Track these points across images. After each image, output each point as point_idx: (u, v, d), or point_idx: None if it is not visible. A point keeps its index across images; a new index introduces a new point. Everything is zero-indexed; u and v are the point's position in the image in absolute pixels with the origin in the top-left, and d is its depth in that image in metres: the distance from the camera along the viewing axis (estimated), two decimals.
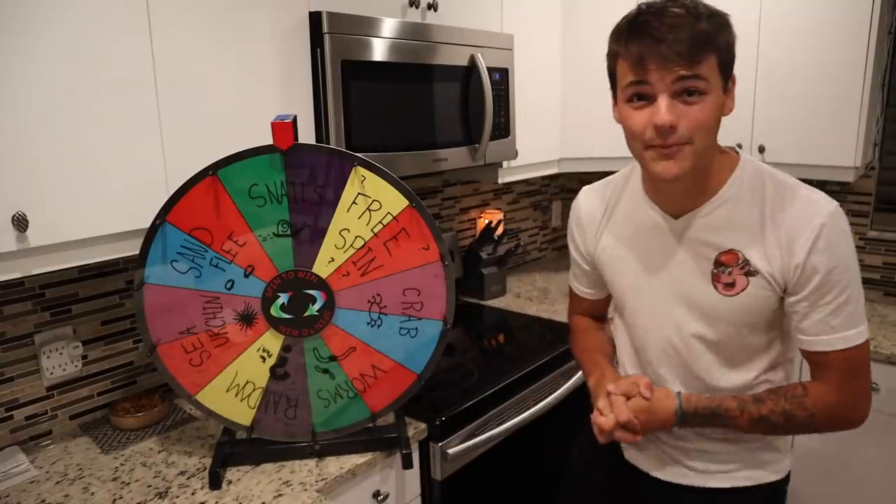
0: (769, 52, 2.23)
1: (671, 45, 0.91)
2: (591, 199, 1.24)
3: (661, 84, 0.94)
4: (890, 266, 2.46)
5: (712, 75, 0.95)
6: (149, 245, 1.26)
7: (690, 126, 0.94)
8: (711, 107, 0.95)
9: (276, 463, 1.39)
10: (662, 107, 0.94)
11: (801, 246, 0.98)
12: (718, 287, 1.05)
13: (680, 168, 0.97)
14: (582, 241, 1.26)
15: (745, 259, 1.03)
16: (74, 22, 1.17)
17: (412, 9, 1.76)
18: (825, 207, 0.99)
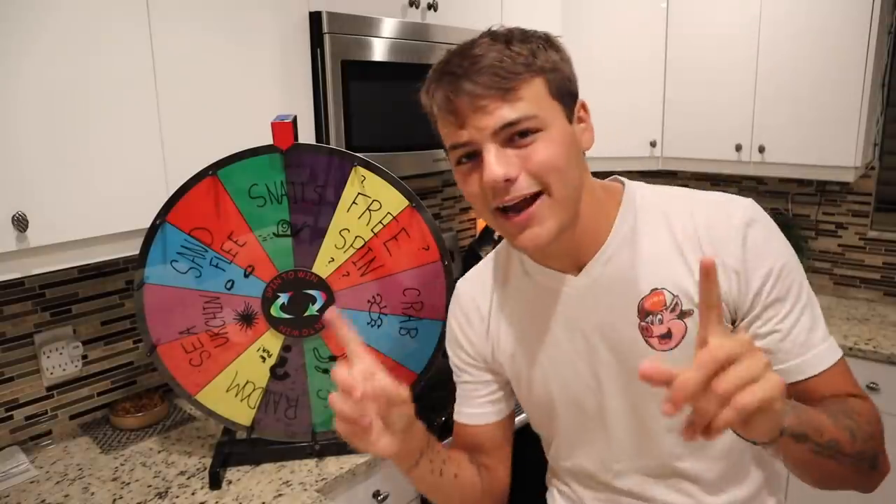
0: (769, 53, 2.23)
1: (476, 76, 0.75)
2: (471, 288, 1.01)
3: (479, 133, 0.76)
4: (890, 266, 2.46)
5: (543, 105, 0.77)
6: (149, 245, 1.26)
7: (534, 171, 0.76)
8: (556, 142, 0.77)
9: (276, 463, 1.39)
10: (490, 159, 0.76)
11: (732, 253, 0.81)
12: (653, 343, 0.85)
13: (547, 231, 0.78)
14: (470, 343, 1.00)
15: (673, 298, 0.84)
16: (74, 22, 1.17)
17: (412, 9, 1.76)
18: (739, 203, 0.84)
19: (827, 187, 2.54)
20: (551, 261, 0.90)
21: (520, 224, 0.79)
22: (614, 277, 0.87)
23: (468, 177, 0.81)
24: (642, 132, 2.49)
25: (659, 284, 0.85)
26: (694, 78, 2.40)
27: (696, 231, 0.84)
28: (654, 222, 0.87)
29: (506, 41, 0.78)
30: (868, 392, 2.03)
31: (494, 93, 0.75)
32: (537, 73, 0.77)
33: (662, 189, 0.91)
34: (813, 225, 2.60)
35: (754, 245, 0.81)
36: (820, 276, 2.61)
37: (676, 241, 0.85)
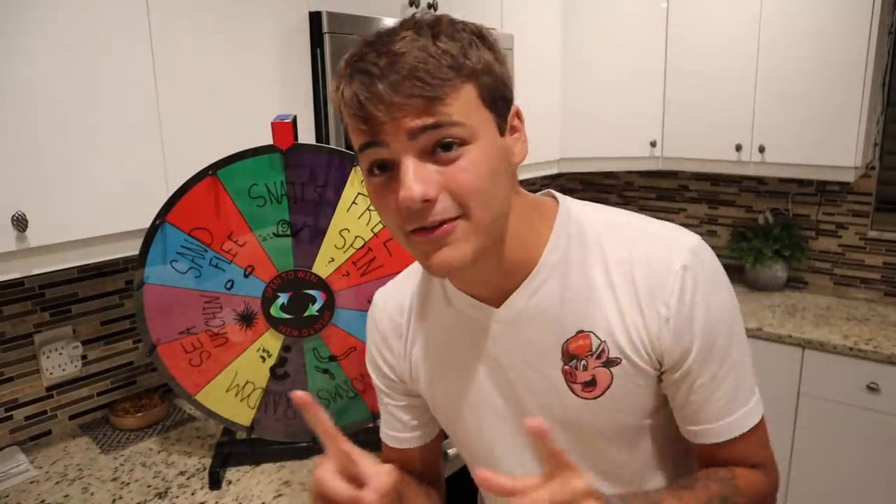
0: (769, 53, 2.23)
1: (396, 82, 0.62)
2: (388, 303, 0.91)
3: (396, 143, 0.64)
4: (890, 266, 2.46)
5: (472, 115, 0.66)
6: (149, 245, 1.26)
7: (456, 192, 0.65)
8: (482, 159, 0.66)
9: (276, 463, 1.39)
10: (407, 176, 0.64)
11: (666, 303, 0.72)
12: (576, 389, 0.77)
13: (460, 254, 0.68)
14: (388, 365, 0.92)
15: (600, 343, 0.75)
16: (74, 23, 1.17)
17: (412, 9, 1.76)
18: (684, 243, 0.74)
19: (827, 187, 2.54)
20: (474, 288, 0.80)
21: (433, 242, 0.67)
22: (539, 312, 0.77)
23: (382, 192, 0.68)
24: (642, 132, 2.49)
25: (586, 326, 0.75)
26: (694, 78, 2.40)
27: (631, 270, 0.74)
28: (587, 252, 0.76)
29: (432, 36, 0.65)
30: (868, 392, 2.04)
31: (416, 101, 0.63)
32: (467, 77, 0.66)
33: (601, 213, 0.80)
34: (813, 225, 2.60)
35: (691, 296, 0.72)
36: (820, 276, 2.61)
37: (609, 278, 0.75)
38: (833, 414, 2.12)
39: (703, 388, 0.75)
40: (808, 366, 2.15)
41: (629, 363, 0.75)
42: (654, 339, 0.74)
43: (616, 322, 0.74)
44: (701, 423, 0.77)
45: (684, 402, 0.77)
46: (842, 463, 2.13)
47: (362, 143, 0.67)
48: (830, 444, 2.14)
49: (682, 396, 0.76)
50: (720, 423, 0.76)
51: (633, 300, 0.74)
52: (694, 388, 0.75)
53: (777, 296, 2.55)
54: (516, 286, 0.77)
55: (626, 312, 0.74)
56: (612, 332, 0.75)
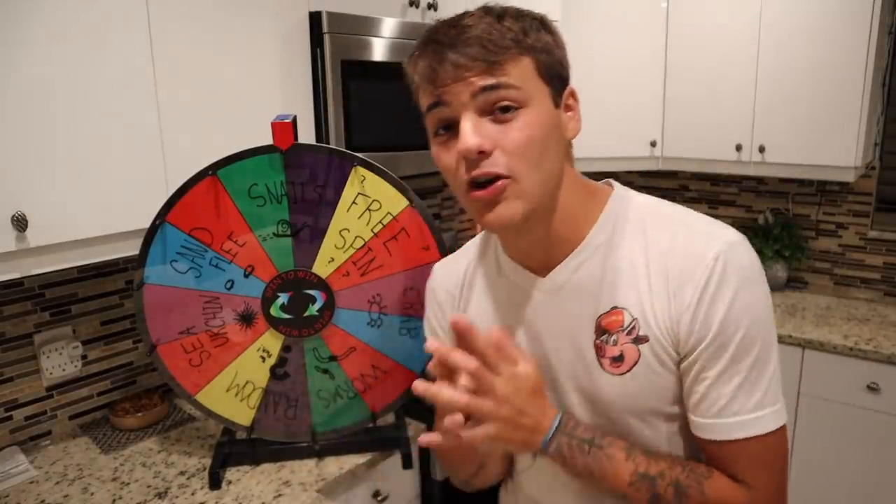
0: (769, 52, 2.23)
1: (462, 47, 0.71)
2: (445, 273, 0.99)
3: (458, 100, 0.73)
4: (890, 266, 2.46)
5: (529, 83, 0.73)
6: (149, 245, 1.26)
7: (508, 150, 0.72)
8: (536, 123, 0.73)
9: (276, 463, 1.39)
10: (466, 128, 0.72)
11: (692, 289, 0.75)
12: (605, 363, 0.80)
13: (511, 212, 0.74)
14: (443, 328, 0.98)
15: (632, 320, 0.79)
16: (74, 22, 1.17)
17: (412, 8, 1.76)
18: (722, 237, 0.76)
19: (827, 187, 2.54)
20: (524, 257, 0.87)
21: (487, 199, 0.74)
22: (580, 287, 0.82)
23: (444, 148, 0.77)
24: (642, 132, 2.50)
25: (620, 303, 0.80)
26: (694, 78, 2.40)
27: (670, 255, 0.78)
28: (630, 237, 0.81)
29: (497, 16, 0.75)
30: (868, 392, 2.04)
31: (479, 64, 0.72)
32: (526, 51, 0.74)
33: (651, 203, 0.85)
34: (813, 225, 2.60)
35: (716, 288, 0.74)
36: (820, 276, 2.61)
37: (647, 264, 0.79)
38: (833, 414, 2.12)
39: (707, 382, 0.76)
40: (808, 366, 2.15)
41: (656, 342, 0.78)
42: (675, 325, 0.77)
43: (647, 303, 0.78)
44: (698, 415, 0.78)
45: (689, 390, 0.79)
46: (842, 463, 2.13)
47: (430, 104, 0.76)
48: (830, 444, 2.14)
49: (687, 385, 0.79)
50: (715, 420, 0.77)
51: (664, 286, 0.77)
52: (699, 379, 0.77)
53: (777, 296, 2.55)
54: (560, 260, 0.83)
55: (657, 296, 0.78)
56: (643, 311, 0.78)
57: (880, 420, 2.04)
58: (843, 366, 2.07)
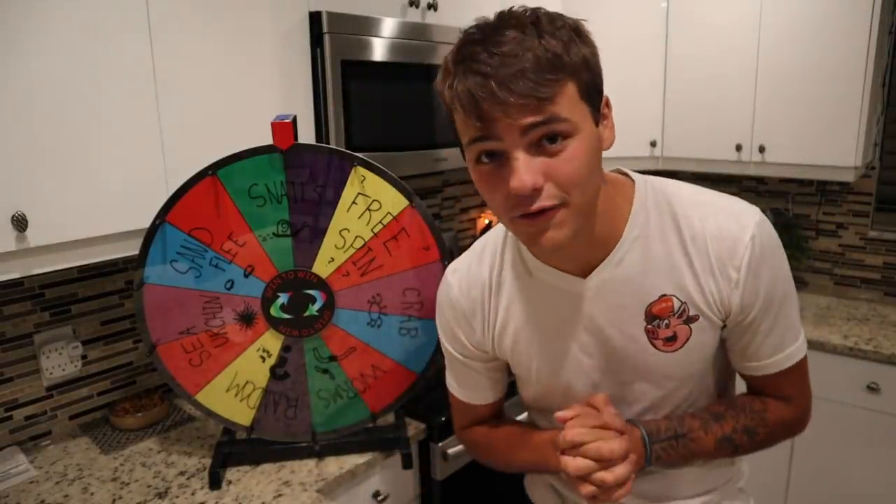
0: (769, 52, 2.23)
1: (509, 82, 0.69)
2: (466, 280, 0.98)
3: (507, 137, 0.72)
4: (890, 266, 2.46)
5: (575, 109, 0.74)
6: (149, 245, 1.26)
7: (561, 182, 0.74)
8: (583, 151, 0.75)
9: (276, 463, 1.39)
10: (519, 168, 0.72)
11: (737, 268, 0.83)
12: (658, 345, 0.88)
13: (563, 236, 0.77)
14: (468, 335, 0.99)
15: (681, 305, 0.86)
16: (74, 21, 1.17)
17: (412, 8, 1.76)
18: (751, 217, 0.85)
19: (827, 187, 2.54)
20: (561, 261, 0.89)
21: (539, 226, 0.76)
22: (624, 280, 0.87)
23: (490, 179, 0.76)
24: (642, 132, 2.49)
25: (668, 291, 0.86)
26: (694, 78, 2.40)
27: (705, 239, 0.85)
28: (664, 226, 0.87)
29: (537, 35, 0.71)
30: (868, 392, 2.03)
31: (528, 101, 0.70)
32: (570, 75, 0.73)
33: (671, 188, 0.90)
34: (813, 225, 2.60)
35: (758, 264, 0.84)
36: (820, 276, 2.61)
37: (685, 247, 0.85)
38: (833, 414, 2.12)
39: (760, 334, 0.88)
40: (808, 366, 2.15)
41: (705, 319, 0.87)
42: (725, 299, 0.86)
43: (693, 286, 0.86)
44: (756, 360, 0.91)
45: (745, 345, 0.90)
46: (842, 463, 2.13)
47: (476, 136, 0.75)
48: (830, 444, 2.14)
49: (743, 341, 0.90)
50: (771, 359, 0.90)
51: (707, 267, 0.85)
52: (754, 335, 0.89)
53: None
54: (601, 258, 0.87)
55: (701, 277, 0.85)
56: (690, 294, 0.86)
57: (880, 420, 2.04)
58: (843, 366, 2.07)
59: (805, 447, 2.19)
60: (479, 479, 1.67)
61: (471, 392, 1.06)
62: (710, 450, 0.92)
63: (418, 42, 1.71)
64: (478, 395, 1.06)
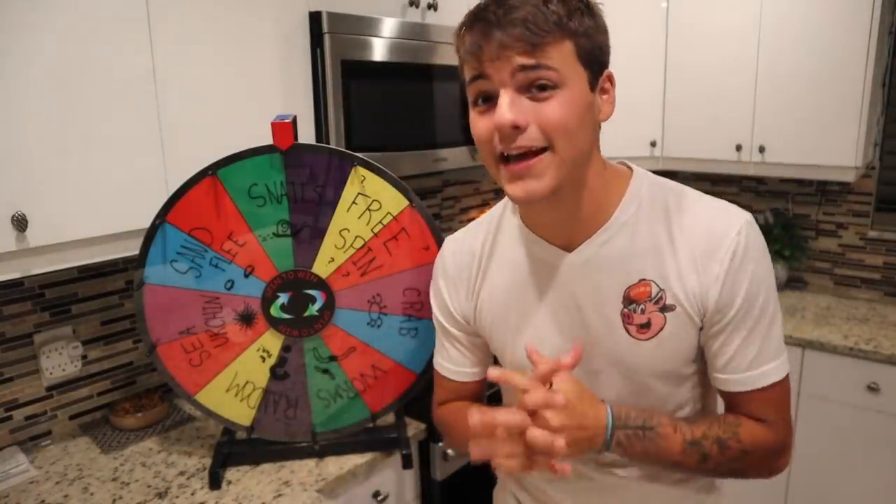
0: (769, 52, 2.23)
1: (507, 27, 0.75)
2: (458, 248, 1.02)
3: (499, 76, 0.77)
4: (890, 266, 2.46)
5: (567, 66, 0.77)
6: (149, 245, 1.26)
7: (544, 125, 0.77)
8: (571, 103, 0.78)
9: (276, 463, 1.39)
10: (503, 103, 0.76)
11: (719, 262, 0.83)
12: (631, 330, 0.88)
13: (542, 185, 0.79)
14: (454, 301, 1.01)
15: (659, 291, 0.86)
16: (73, 21, 1.17)
17: (412, 8, 1.76)
18: (740, 218, 0.86)
19: (827, 187, 2.54)
20: (548, 233, 0.91)
21: (517, 173, 0.79)
22: (607, 260, 0.88)
23: (480, 118, 0.81)
24: (642, 132, 2.50)
25: (648, 276, 0.87)
26: (694, 78, 2.40)
27: (692, 233, 0.86)
28: (653, 215, 0.88)
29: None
30: (868, 392, 2.03)
31: (521, 44, 0.75)
32: (568, 35, 0.77)
33: (667, 183, 0.92)
34: (813, 225, 2.60)
35: (741, 261, 0.84)
36: (820, 276, 2.61)
37: (672, 238, 0.86)
38: (833, 414, 2.12)
39: (735, 343, 0.86)
40: (808, 366, 2.15)
41: (681, 311, 0.86)
42: (705, 294, 0.85)
43: (674, 275, 0.85)
44: (728, 372, 0.88)
45: (718, 352, 0.87)
46: (842, 463, 2.13)
47: (472, 76, 0.80)
48: (830, 444, 2.14)
49: (717, 347, 0.87)
50: (746, 374, 0.87)
51: (691, 259, 0.85)
52: (728, 342, 0.86)
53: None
54: (588, 236, 0.88)
55: (684, 269, 0.85)
56: (670, 283, 0.86)
57: (880, 420, 2.04)
58: (843, 366, 2.07)
59: (805, 447, 2.19)
60: (479, 479, 1.67)
61: (451, 365, 1.06)
62: (677, 452, 0.86)
63: (418, 42, 1.71)
64: (457, 371, 1.05)
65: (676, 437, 0.87)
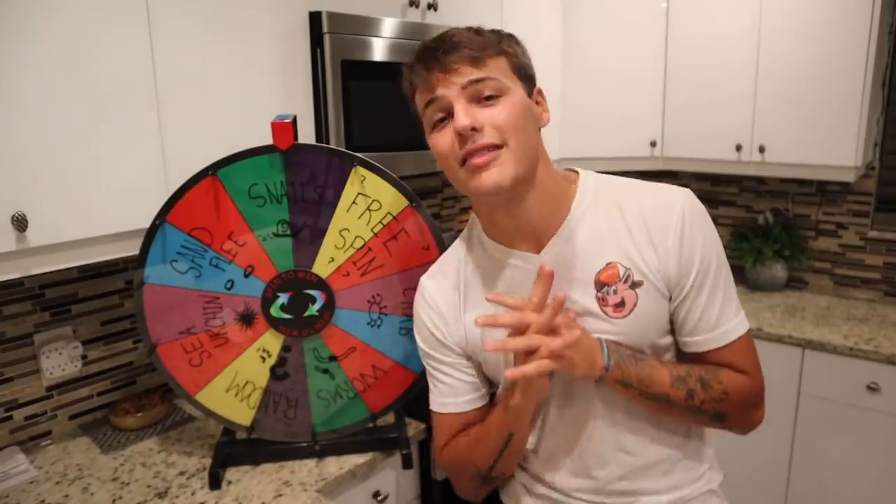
0: (769, 53, 2.23)
1: (451, 50, 0.90)
2: (437, 283, 1.08)
3: (450, 91, 0.90)
4: (890, 266, 2.46)
5: (506, 77, 0.92)
6: (149, 245, 1.26)
7: (496, 125, 0.89)
8: (515, 106, 0.91)
9: (276, 463, 1.39)
10: (459, 111, 0.89)
11: (672, 235, 0.94)
12: (608, 311, 0.96)
13: (500, 175, 0.90)
14: (442, 331, 1.06)
15: (626, 270, 0.95)
16: (74, 22, 1.17)
17: (412, 8, 1.76)
18: (680, 192, 0.97)
19: (827, 187, 2.54)
20: (515, 241, 1.00)
21: (481, 165, 0.90)
22: (573, 253, 0.97)
23: (440, 135, 0.93)
24: (642, 132, 2.49)
25: (613, 258, 0.96)
26: (694, 78, 2.40)
27: (642, 215, 0.96)
28: (606, 206, 0.98)
29: (476, 30, 0.94)
30: (868, 392, 2.04)
31: (465, 61, 0.90)
32: (501, 53, 0.93)
33: (612, 178, 1.03)
34: (813, 225, 2.60)
35: (691, 232, 0.95)
36: (820, 276, 2.61)
37: (626, 223, 0.97)
38: (833, 414, 2.12)
39: (699, 304, 0.97)
40: (808, 366, 2.15)
41: (649, 284, 0.95)
42: (665, 265, 0.95)
43: (636, 254, 0.95)
44: (698, 334, 0.98)
45: (687, 317, 0.98)
46: (842, 463, 2.13)
47: (427, 101, 0.93)
48: (830, 444, 2.14)
49: (683, 313, 0.98)
50: (713, 332, 0.98)
51: (646, 237, 0.95)
52: (693, 306, 0.97)
53: (777, 296, 2.55)
54: (550, 236, 0.98)
55: (642, 246, 0.95)
56: (633, 261, 0.96)
57: (880, 420, 2.04)
58: (843, 366, 2.07)
59: (805, 447, 2.19)
60: None
61: (452, 399, 1.08)
62: (666, 382, 0.96)
63: (418, 42, 1.71)
64: (457, 402, 1.08)
65: (664, 370, 0.96)
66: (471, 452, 1.07)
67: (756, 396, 1.01)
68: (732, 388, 0.98)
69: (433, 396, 1.11)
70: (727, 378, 0.98)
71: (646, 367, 0.95)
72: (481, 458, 1.06)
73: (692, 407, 0.97)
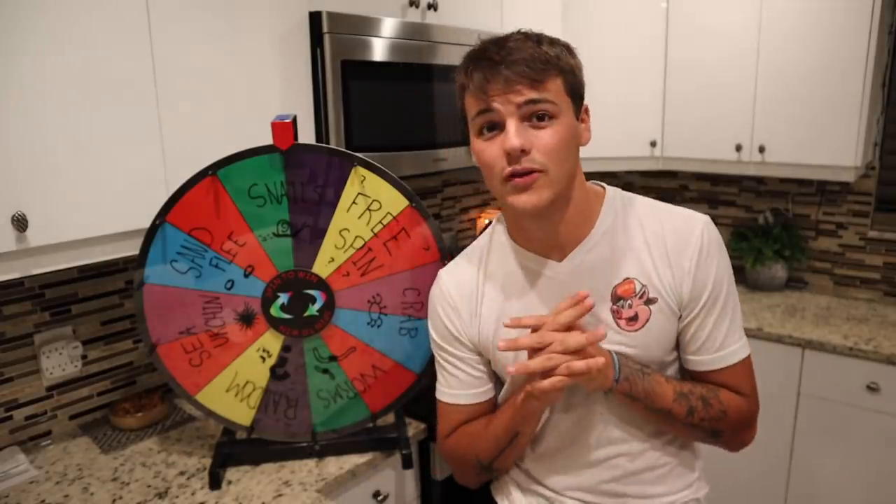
0: (769, 52, 2.23)
1: (512, 66, 0.90)
2: (456, 276, 1.12)
3: (506, 109, 0.91)
4: (890, 266, 2.46)
5: (561, 99, 0.93)
6: (149, 245, 1.26)
7: (542, 151, 0.91)
8: (563, 132, 0.93)
9: (276, 463, 1.39)
10: (511, 130, 0.91)
11: (689, 257, 0.99)
12: (621, 324, 1.01)
13: (538, 198, 0.93)
14: (457, 325, 1.10)
15: (642, 287, 1.00)
16: (74, 22, 1.17)
17: (412, 8, 1.76)
18: (700, 218, 1.02)
19: (827, 187, 2.54)
20: (539, 247, 1.04)
21: (524, 185, 0.92)
22: (593, 265, 1.02)
23: (487, 144, 0.94)
24: (642, 132, 2.49)
25: (631, 274, 1.01)
26: (694, 78, 2.40)
27: (662, 235, 1.01)
28: (628, 224, 1.03)
29: (537, 41, 0.93)
30: (868, 392, 2.04)
31: (525, 81, 0.90)
32: (560, 72, 0.93)
33: (636, 197, 1.07)
34: (813, 225, 2.60)
35: (707, 256, 1.00)
36: (820, 276, 2.61)
37: (646, 241, 1.01)
38: (833, 414, 2.12)
39: (707, 327, 1.01)
40: (808, 366, 2.15)
41: (662, 302, 1.00)
42: (679, 286, 1.00)
43: (652, 271, 1.00)
44: (702, 354, 1.03)
45: (693, 336, 1.02)
46: (842, 463, 2.13)
47: (480, 109, 0.94)
48: (830, 444, 2.14)
49: (692, 332, 1.02)
50: (716, 354, 1.02)
51: (664, 258, 1.00)
52: (701, 327, 1.01)
53: (777, 296, 2.55)
54: (574, 246, 1.02)
55: (659, 267, 1.00)
56: (650, 278, 1.00)
57: (880, 420, 2.04)
58: (843, 366, 2.07)
59: (805, 447, 2.19)
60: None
61: (460, 391, 1.12)
62: (669, 398, 1.00)
63: (418, 42, 1.71)
64: (464, 394, 1.12)
65: (668, 386, 1.01)
66: (474, 445, 1.10)
67: (751, 418, 1.06)
68: (730, 409, 1.03)
69: (440, 386, 1.15)
70: (726, 398, 1.03)
71: (651, 382, 1.00)
72: (484, 451, 1.09)
73: (691, 423, 1.02)
